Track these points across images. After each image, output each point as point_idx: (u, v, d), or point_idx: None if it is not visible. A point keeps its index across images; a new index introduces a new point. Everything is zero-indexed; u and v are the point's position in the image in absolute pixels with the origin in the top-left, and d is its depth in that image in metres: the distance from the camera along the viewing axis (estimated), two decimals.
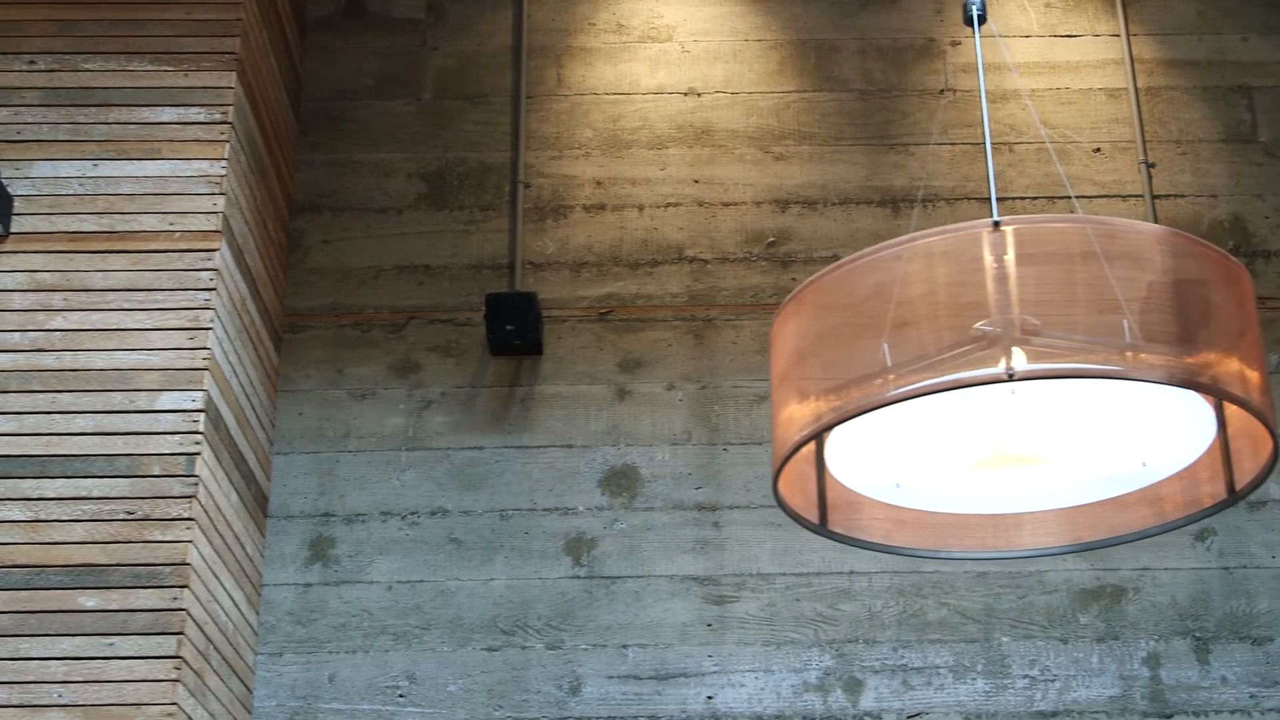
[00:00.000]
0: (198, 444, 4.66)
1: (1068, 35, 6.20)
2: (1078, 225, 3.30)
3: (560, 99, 6.12)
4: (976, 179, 5.95)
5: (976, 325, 3.25)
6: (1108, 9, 6.25)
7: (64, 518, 4.56)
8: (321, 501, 5.51)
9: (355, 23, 6.25)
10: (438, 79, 6.16)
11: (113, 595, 4.48)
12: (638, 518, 5.49)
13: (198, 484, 4.63)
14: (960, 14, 6.21)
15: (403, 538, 5.46)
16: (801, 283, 3.49)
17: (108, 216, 4.91)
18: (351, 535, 5.47)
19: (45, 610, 4.45)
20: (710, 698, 5.26)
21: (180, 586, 4.51)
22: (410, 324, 5.77)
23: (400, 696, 5.26)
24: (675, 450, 5.58)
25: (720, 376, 5.67)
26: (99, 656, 4.41)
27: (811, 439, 3.37)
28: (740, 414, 5.60)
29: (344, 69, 6.17)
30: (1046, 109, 6.07)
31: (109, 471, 4.62)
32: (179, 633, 4.46)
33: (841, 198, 5.94)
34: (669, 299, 5.80)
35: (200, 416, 4.69)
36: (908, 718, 5.22)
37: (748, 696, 5.26)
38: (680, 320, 5.76)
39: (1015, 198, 5.90)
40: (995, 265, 3.29)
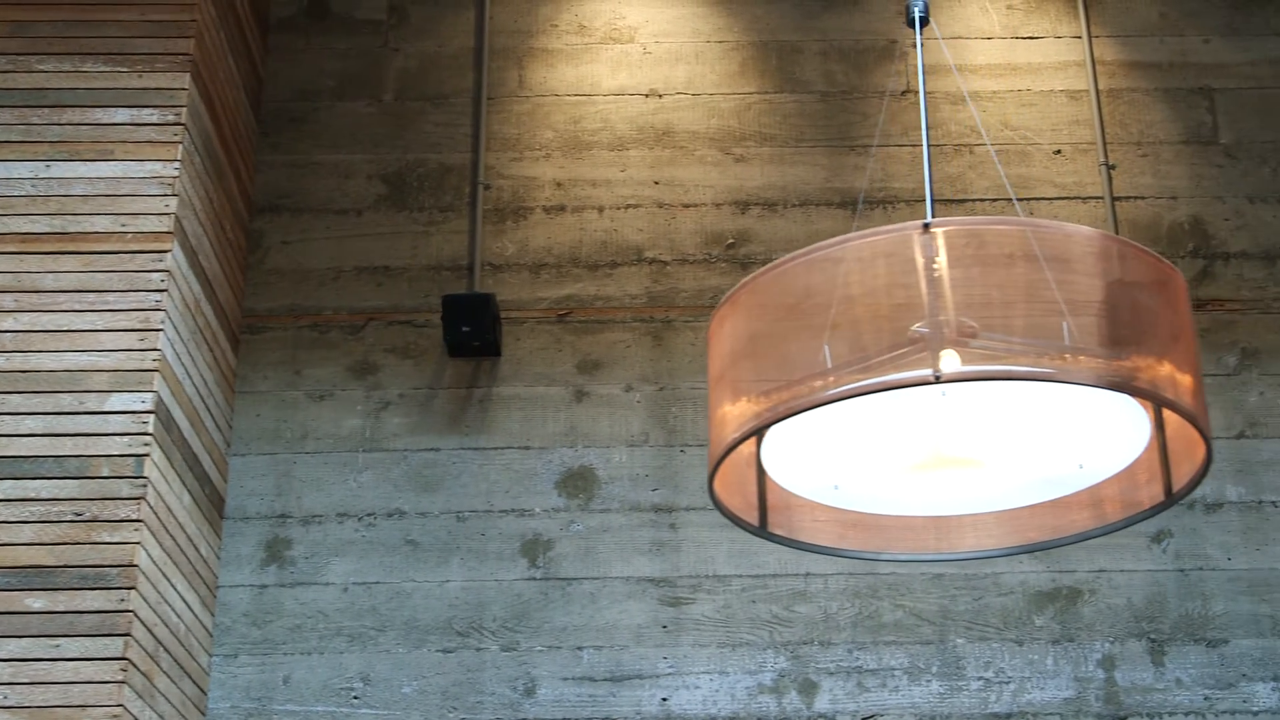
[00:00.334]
0: (147, 445, 4.66)
1: (1029, 37, 6.21)
2: (1009, 227, 3.31)
3: (521, 100, 6.12)
4: (937, 180, 5.95)
5: (914, 327, 3.26)
6: (1069, 11, 6.25)
7: (11, 519, 4.55)
8: (278, 503, 5.50)
9: (318, 24, 6.25)
10: (399, 80, 6.16)
11: (60, 597, 4.48)
12: (594, 519, 5.49)
13: (146, 485, 4.62)
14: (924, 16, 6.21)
15: (359, 539, 5.46)
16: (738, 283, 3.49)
17: (59, 218, 4.91)
18: (308, 537, 5.46)
19: None
20: (665, 699, 5.26)
21: (128, 588, 4.50)
22: (369, 325, 5.77)
23: (355, 698, 5.26)
24: (632, 452, 5.58)
25: (678, 378, 5.67)
26: (45, 658, 4.41)
27: (744, 440, 3.37)
28: (698, 416, 5.60)
29: (306, 70, 6.17)
30: (1008, 110, 6.07)
31: (57, 473, 4.61)
32: (126, 634, 4.45)
33: (802, 199, 5.94)
34: (628, 300, 5.80)
35: (150, 418, 4.68)
36: (862, 719, 5.22)
37: (702, 698, 5.26)
38: (639, 322, 5.76)
39: (975, 199, 5.90)
40: (926, 267, 3.29)
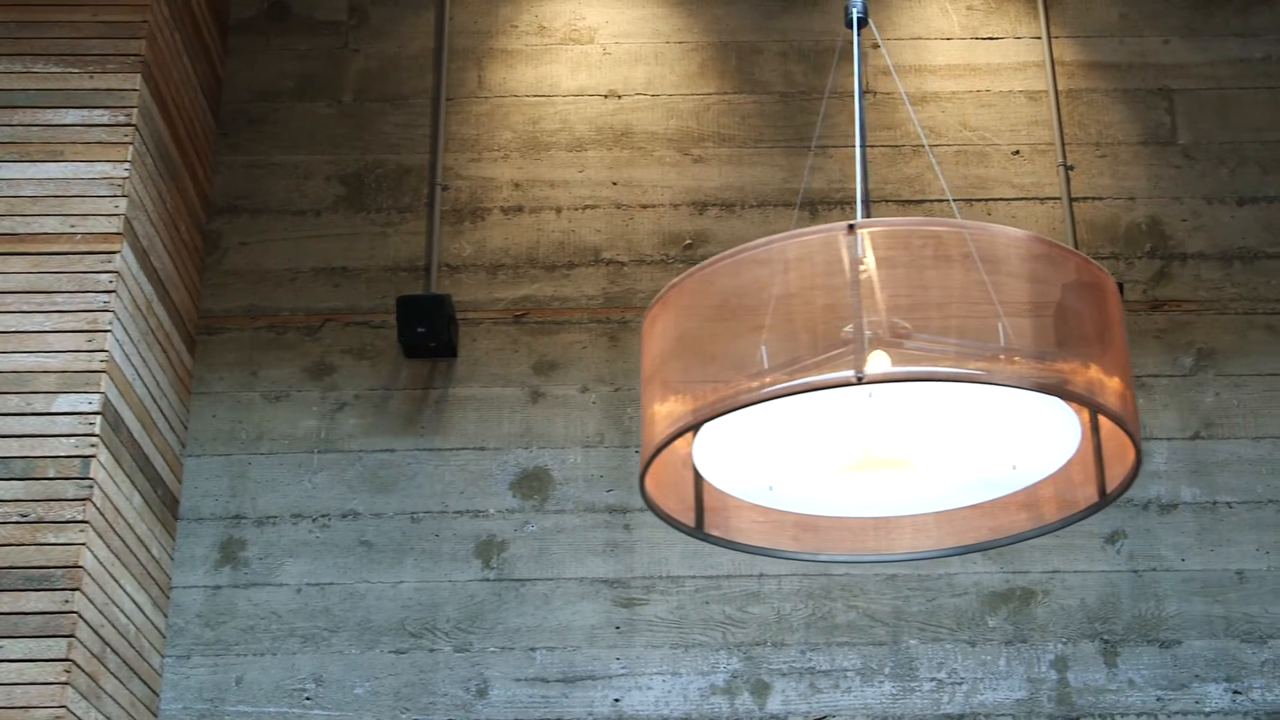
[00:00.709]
0: (94, 446, 4.66)
1: (989, 38, 6.20)
2: (936, 228, 3.31)
3: (480, 101, 6.12)
4: (895, 181, 5.96)
5: (846, 329, 3.25)
6: (1029, 11, 6.25)
7: None
8: (233, 504, 5.50)
9: (278, 25, 6.24)
10: (359, 81, 6.16)
11: (3, 598, 4.47)
12: (549, 520, 5.49)
13: (93, 486, 4.62)
14: (883, 17, 6.22)
15: (313, 540, 5.46)
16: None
17: (8, 219, 4.91)
18: (262, 538, 5.46)
19: None
20: (617, 700, 5.26)
21: (72, 589, 4.50)
22: (325, 326, 5.77)
23: (307, 699, 5.26)
24: (587, 453, 5.58)
25: (634, 379, 5.67)
26: None
27: (671, 440, 3.37)
28: None
29: (265, 71, 6.17)
30: (966, 111, 6.07)
31: (3, 474, 4.61)
32: (70, 635, 4.45)
33: (759, 200, 5.94)
34: (585, 301, 5.80)
35: (97, 419, 4.68)
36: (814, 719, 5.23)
37: (654, 699, 5.26)
38: (595, 322, 5.76)
39: (933, 200, 5.90)
40: (851, 268, 3.29)
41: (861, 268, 3.31)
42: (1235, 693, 5.23)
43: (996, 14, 6.24)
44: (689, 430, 3.39)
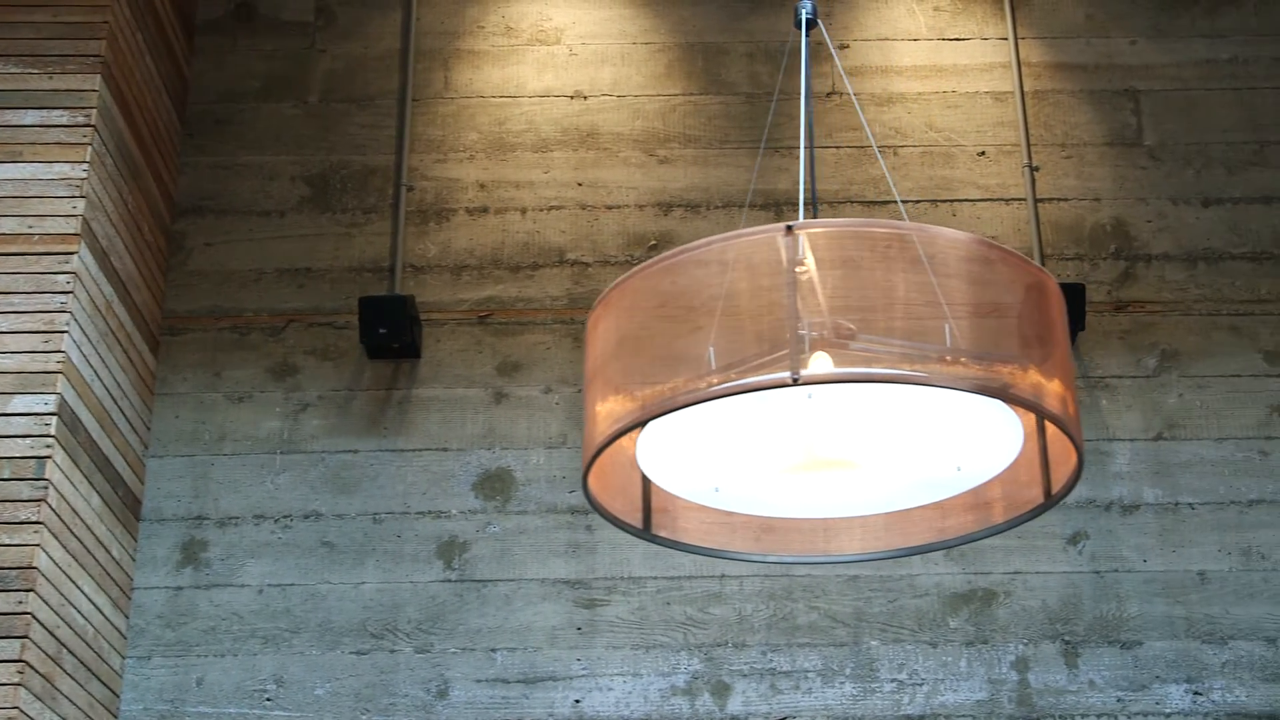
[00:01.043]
0: (49, 447, 4.65)
1: (956, 39, 6.21)
2: (876, 230, 3.30)
3: (447, 102, 6.11)
4: (860, 182, 5.95)
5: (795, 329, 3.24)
6: (996, 12, 6.25)
7: None
8: (195, 505, 5.50)
9: (245, 25, 6.24)
10: (325, 82, 6.16)
11: None
12: (511, 521, 5.49)
13: (48, 487, 4.61)
14: (850, 17, 6.22)
15: (275, 541, 5.46)
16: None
17: None
18: (224, 538, 5.46)
19: None
20: (578, 701, 5.26)
21: (26, 590, 4.49)
22: (289, 327, 5.77)
23: (267, 700, 5.26)
24: (550, 454, 5.57)
25: None
26: None
27: (611, 441, 3.36)
28: None
29: (232, 71, 6.16)
30: (933, 112, 6.07)
31: None
32: (24, 636, 4.45)
33: (725, 201, 5.94)
34: (549, 302, 5.80)
35: (53, 420, 4.68)
36: None
37: (615, 700, 5.26)
38: (559, 323, 5.76)
39: (898, 200, 5.90)
40: (789, 269, 3.29)
41: (802, 269, 3.31)
42: (1196, 694, 5.23)
43: (963, 15, 6.25)
44: (629, 430, 3.39)
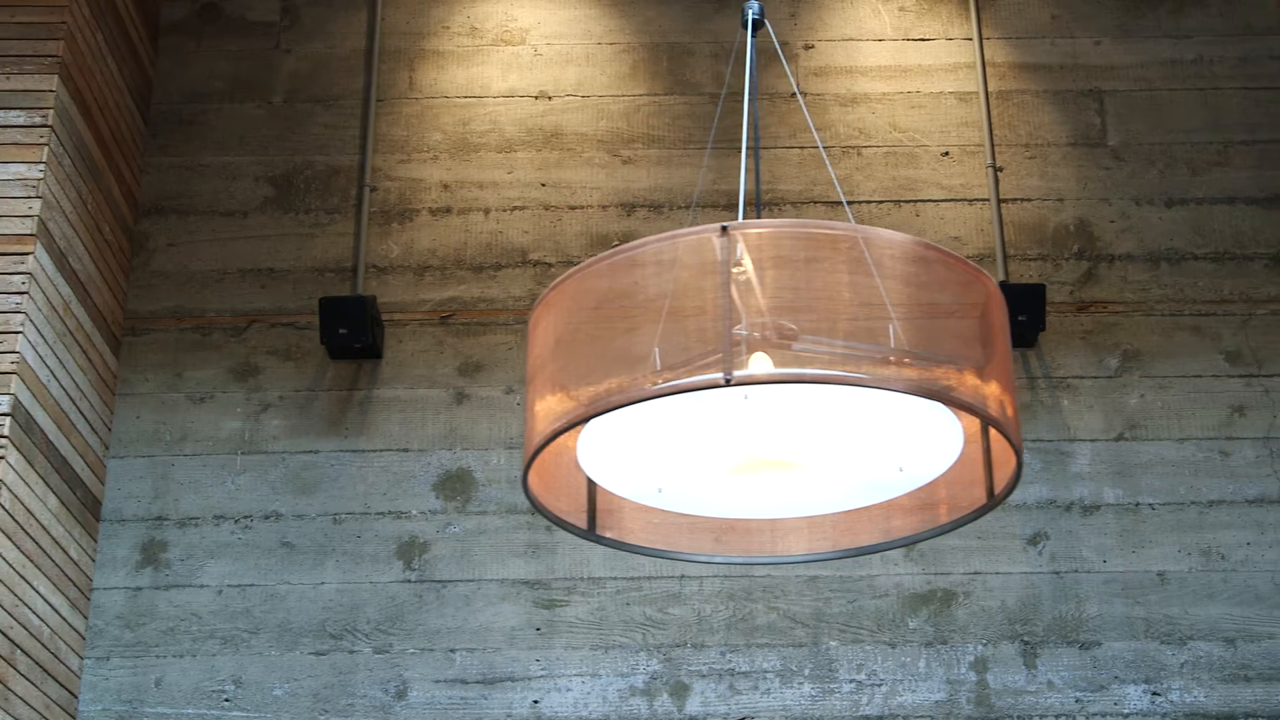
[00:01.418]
0: (2, 448, 4.65)
1: (921, 39, 6.20)
2: (815, 230, 3.30)
3: (411, 102, 6.11)
4: (824, 182, 5.95)
5: (735, 329, 3.25)
6: (961, 13, 6.25)
7: None
8: (155, 505, 5.50)
9: (210, 26, 6.24)
10: (289, 82, 6.15)
11: None
12: (471, 521, 5.49)
13: (1, 488, 4.61)
14: (815, 17, 6.21)
15: (235, 541, 5.45)
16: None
17: None
18: (184, 539, 5.45)
19: None
20: (536, 702, 5.25)
21: None
22: (251, 327, 5.76)
23: (226, 700, 5.25)
24: (511, 454, 5.57)
25: None
26: None
27: (549, 442, 3.36)
28: None
29: (196, 72, 6.16)
30: (897, 112, 6.07)
31: None
32: None
33: (688, 201, 5.94)
34: (511, 302, 5.80)
35: (6, 420, 4.67)
36: None
37: (573, 701, 5.25)
38: (521, 324, 5.76)
39: (861, 201, 5.90)
40: (724, 269, 3.28)
41: (740, 269, 3.30)
42: (1154, 694, 5.23)
43: (929, 15, 6.24)
44: (568, 429, 3.39)
